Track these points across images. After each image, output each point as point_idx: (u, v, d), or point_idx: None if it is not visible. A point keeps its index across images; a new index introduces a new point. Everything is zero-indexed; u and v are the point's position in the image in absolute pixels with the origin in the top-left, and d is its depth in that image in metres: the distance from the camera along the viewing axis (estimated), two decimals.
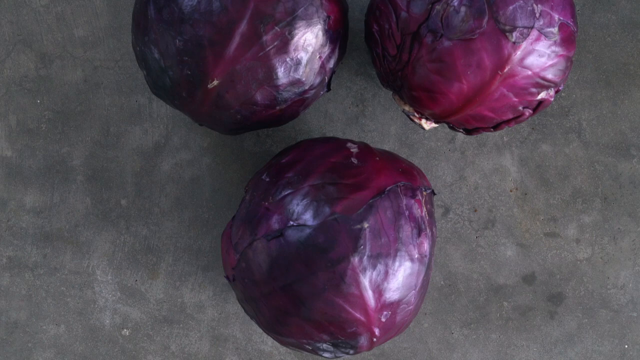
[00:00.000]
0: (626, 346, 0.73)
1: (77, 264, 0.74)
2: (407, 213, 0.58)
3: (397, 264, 0.57)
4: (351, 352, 0.60)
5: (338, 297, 0.56)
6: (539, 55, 0.58)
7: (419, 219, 0.59)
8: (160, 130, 0.73)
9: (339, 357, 0.61)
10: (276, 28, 0.57)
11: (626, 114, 0.73)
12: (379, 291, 0.57)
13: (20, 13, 0.73)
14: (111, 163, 0.74)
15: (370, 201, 0.57)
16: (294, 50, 0.58)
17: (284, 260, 0.56)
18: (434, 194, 0.65)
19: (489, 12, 0.57)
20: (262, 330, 0.71)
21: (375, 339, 0.59)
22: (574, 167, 0.73)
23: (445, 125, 0.72)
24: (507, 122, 0.62)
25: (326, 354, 0.60)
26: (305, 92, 0.61)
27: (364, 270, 0.56)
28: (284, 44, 0.57)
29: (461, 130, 0.65)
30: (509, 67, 0.57)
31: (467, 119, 0.62)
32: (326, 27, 0.59)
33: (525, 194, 0.73)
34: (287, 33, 0.57)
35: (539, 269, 0.73)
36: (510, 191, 0.73)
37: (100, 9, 0.73)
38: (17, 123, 0.74)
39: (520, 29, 0.57)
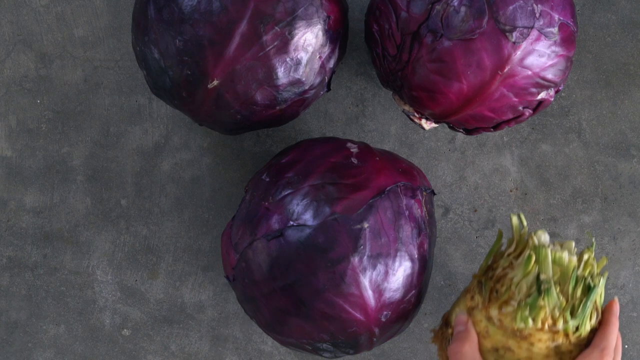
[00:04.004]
0: (626, 346, 0.73)
1: (77, 264, 0.74)
2: (407, 213, 0.58)
3: (397, 263, 0.57)
4: (351, 352, 0.60)
5: (338, 297, 0.56)
6: (539, 55, 0.58)
7: (419, 219, 0.59)
8: (160, 130, 0.73)
9: (339, 357, 0.61)
10: (276, 28, 0.57)
11: (626, 114, 0.73)
12: (379, 291, 0.57)
13: (20, 13, 0.73)
14: (111, 163, 0.74)
15: (370, 201, 0.57)
16: (294, 50, 0.58)
17: (284, 260, 0.56)
18: (434, 194, 0.65)
19: (489, 12, 0.57)
20: (262, 330, 0.72)
21: (375, 339, 0.59)
22: (574, 167, 0.73)
23: (445, 125, 0.72)
24: (507, 122, 0.62)
25: (326, 354, 0.60)
26: (305, 92, 0.61)
27: (364, 270, 0.56)
28: (284, 44, 0.57)
29: (461, 130, 0.65)
30: (509, 67, 0.57)
31: (467, 119, 0.62)
32: (326, 27, 0.59)
33: (525, 194, 0.73)
34: (287, 33, 0.57)
35: None
36: (510, 191, 0.73)
37: (100, 9, 0.73)
38: (17, 123, 0.74)
39: (520, 29, 0.57)
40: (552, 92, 0.61)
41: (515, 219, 0.61)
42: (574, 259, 0.58)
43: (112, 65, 0.73)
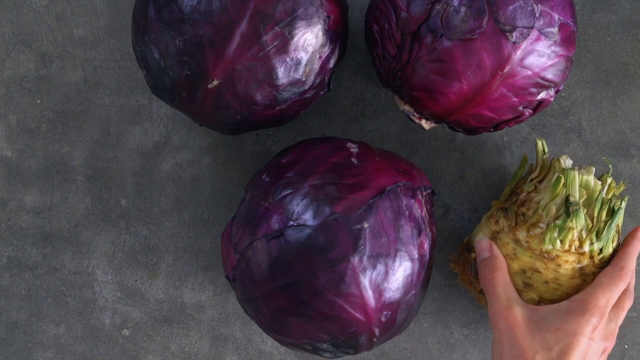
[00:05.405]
0: (626, 346, 0.73)
1: (77, 264, 0.74)
2: (407, 213, 0.58)
3: (397, 263, 0.57)
4: (351, 352, 0.60)
5: (338, 297, 0.56)
6: (539, 55, 0.58)
7: (419, 219, 0.59)
8: (160, 130, 0.73)
9: (339, 357, 0.61)
10: (276, 28, 0.57)
11: (626, 114, 0.73)
12: (379, 291, 0.57)
13: (20, 13, 0.73)
14: (111, 163, 0.74)
15: (370, 201, 0.57)
16: (294, 50, 0.58)
17: (284, 260, 0.56)
18: (434, 194, 0.65)
19: (489, 12, 0.57)
20: (262, 330, 0.72)
21: (375, 339, 0.59)
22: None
23: (445, 125, 0.72)
24: (507, 122, 0.62)
25: (326, 354, 0.60)
26: (305, 92, 0.61)
27: (364, 270, 0.56)
28: (284, 44, 0.57)
29: (461, 130, 0.65)
30: (509, 67, 0.57)
31: (467, 119, 0.62)
32: (326, 27, 0.59)
33: None
34: (287, 33, 0.57)
35: None
36: None
37: (100, 9, 0.73)
38: (17, 123, 0.74)
39: (520, 29, 0.57)
40: (552, 92, 0.61)
41: (540, 144, 0.63)
42: (599, 182, 0.61)
43: (112, 65, 0.73)
